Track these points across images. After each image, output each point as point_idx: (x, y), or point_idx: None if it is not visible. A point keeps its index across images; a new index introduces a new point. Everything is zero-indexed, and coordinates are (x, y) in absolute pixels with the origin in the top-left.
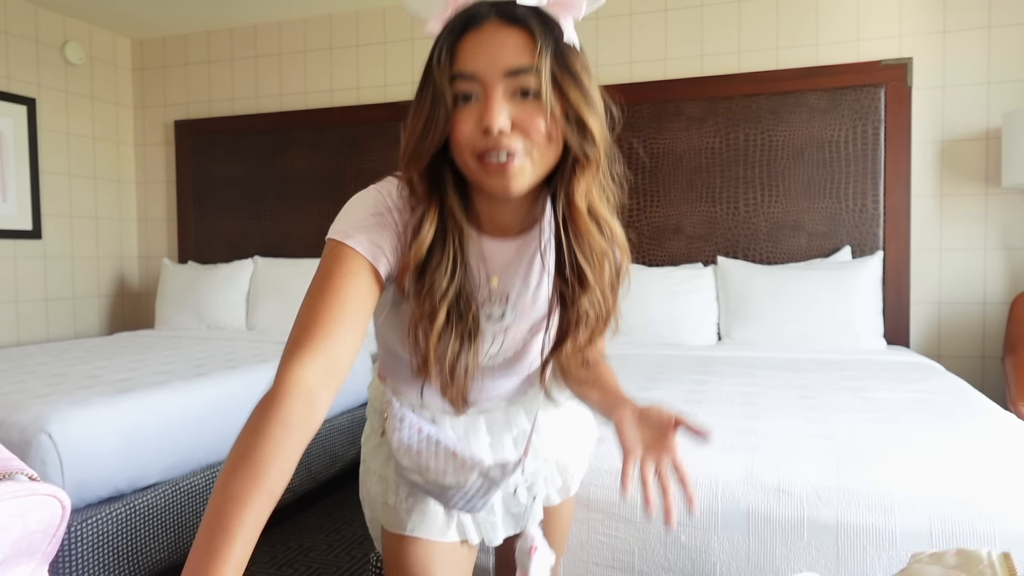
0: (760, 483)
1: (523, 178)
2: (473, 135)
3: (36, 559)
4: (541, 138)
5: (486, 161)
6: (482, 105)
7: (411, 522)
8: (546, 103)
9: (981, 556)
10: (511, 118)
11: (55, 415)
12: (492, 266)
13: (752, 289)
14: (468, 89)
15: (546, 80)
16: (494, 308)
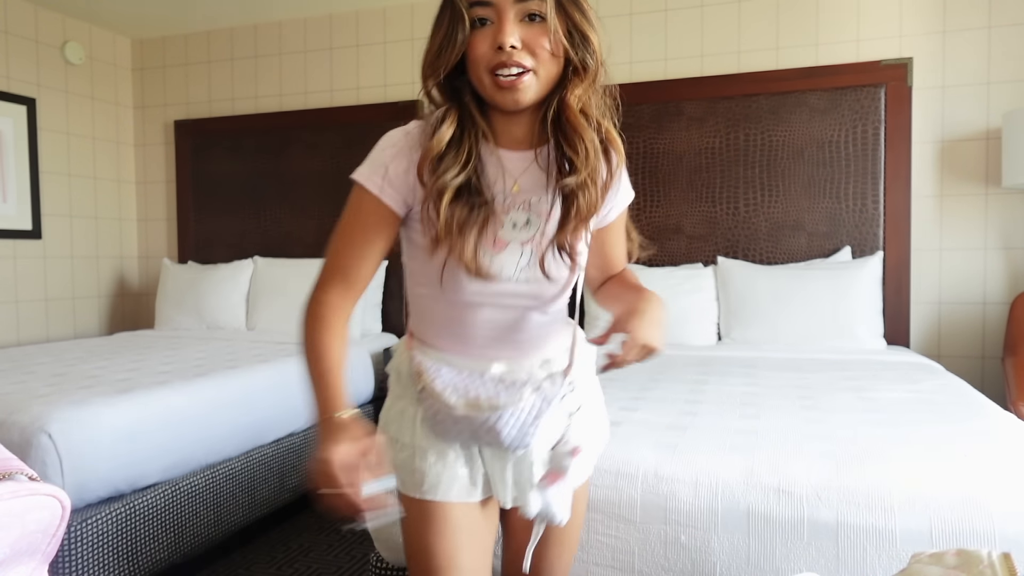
0: (760, 483)
1: (530, 91)
2: (488, 53)
3: (36, 559)
4: (546, 54)
5: (498, 77)
6: (496, 27)
7: (442, 486)
8: (551, 23)
9: (981, 556)
10: (520, 38)
11: (55, 415)
12: (512, 175)
13: (752, 289)
14: (484, 14)
15: (551, 4)
16: (518, 214)
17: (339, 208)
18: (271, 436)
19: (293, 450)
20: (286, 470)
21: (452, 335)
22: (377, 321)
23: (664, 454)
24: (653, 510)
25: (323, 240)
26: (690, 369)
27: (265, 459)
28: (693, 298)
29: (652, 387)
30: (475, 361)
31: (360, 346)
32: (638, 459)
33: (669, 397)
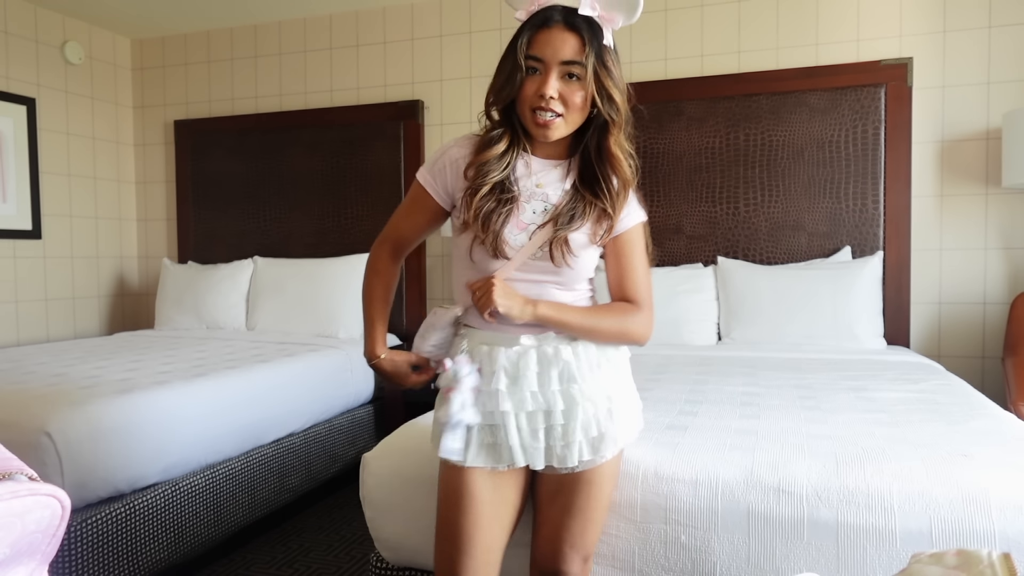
0: (760, 483)
1: (558, 132)
2: (532, 96)
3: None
4: (575, 108)
5: (536, 116)
6: (542, 78)
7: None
8: (588, 86)
9: (981, 556)
10: (559, 90)
11: (55, 415)
12: (538, 176)
13: (752, 289)
14: (535, 66)
15: (590, 71)
16: (536, 203)
17: (339, 208)
18: (271, 436)
19: (293, 450)
20: (286, 470)
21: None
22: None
23: (664, 454)
24: (653, 510)
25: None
26: (690, 369)
27: (265, 459)
28: (693, 298)
29: (652, 387)
30: (506, 335)
31: (360, 346)
32: (638, 459)
33: (669, 397)
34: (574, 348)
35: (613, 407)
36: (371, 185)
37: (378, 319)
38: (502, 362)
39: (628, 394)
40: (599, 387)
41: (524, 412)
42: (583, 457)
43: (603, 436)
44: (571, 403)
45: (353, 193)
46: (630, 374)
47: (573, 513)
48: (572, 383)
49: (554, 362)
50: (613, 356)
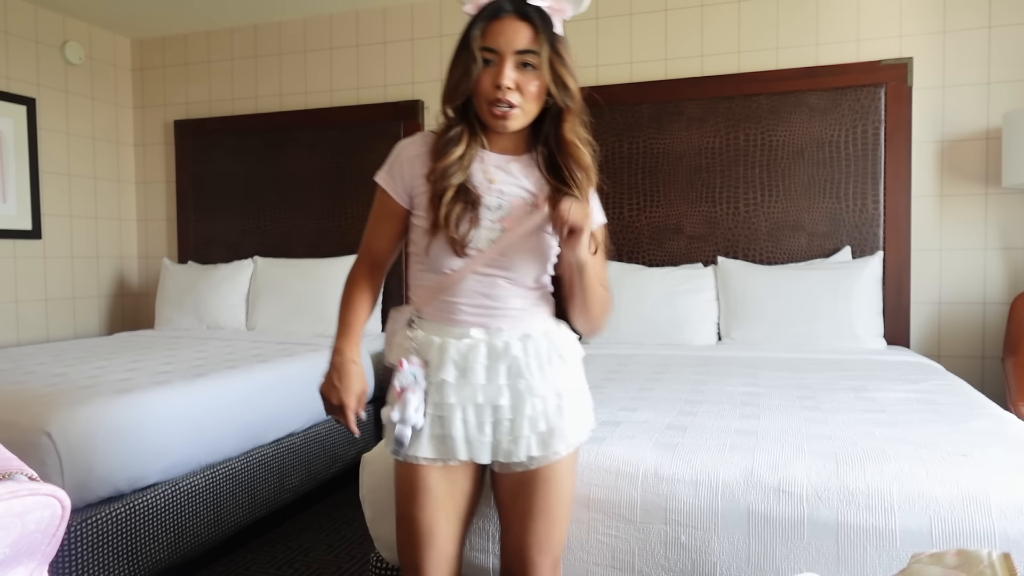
0: (760, 483)
1: (515, 121)
2: (489, 88)
3: (36, 559)
4: (532, 96)
5: (493, 108)
6: (497, 69)
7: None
8: (544, 74)
9: (981, 556)
10: (514, 80)
11: (55, 415)
12: (493, 172)
13: (752, 289)
14: (490, 57)
15: (544, 59)
16: (492, 198)
17: (339, 208)
18: (271, 436)
19: (293, 450)
20: (286, 470)
21: (440, 304)
22: (377, 321)
23: (664, 454)
24: (653, 510)
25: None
26: (690, 369)
27: (265, 459)
28: (693, 298)
29: (652, 387)
30: (457, 328)
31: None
32: (638, 459)
33: (669, 397)
34: (524, 344)
35: (563, 403)
36: (371, 185)
37: (357, 323)
38: (451, 354)
39: (579, 392)
40: (548, 383)
41: (472, 405)
42: (531, 452)
43: (552, 432)
44: (518, 398)
45: (353, 193)
46: (583, 372)
47: (535, 514)
48: (520, 378)
49: (503, 356)
50: (566, 353)
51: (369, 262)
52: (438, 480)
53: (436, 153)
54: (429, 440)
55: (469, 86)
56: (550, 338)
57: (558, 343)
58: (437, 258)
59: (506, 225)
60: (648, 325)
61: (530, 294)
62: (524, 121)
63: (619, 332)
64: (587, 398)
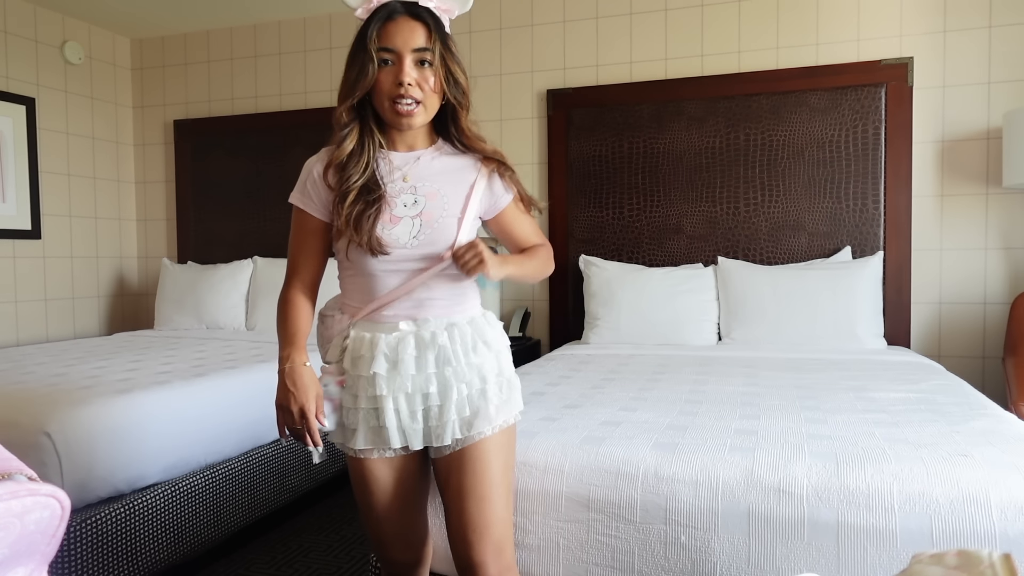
0: (760, 483)
1: (419, 118)
2: (390, 87)
3: (35, 559)
4: (430, 90)
5: (397, 106)
6: (397, 68)
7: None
8: (437, 68)
9: (982, 557)
10: (414, 78)
11: (55, 415)
12: (404, 170)
13: (752, 289)
14: (388, 57)
15: (437, 55)
16: (407, 197)
17: None
18: (271, 436)
19: (293, 450)
20: (286, 470)
21: (368, 302)
22: None
23: (664, 454)
24: (653, 510)
25: None
26: (690, 369)
27: (265, 459)
28: (693, 298)
29: (652, 387)
30: (386, 323)
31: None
32: (638, 459)
33: (669, 397)
34: (450, 332)
35: (487, 388)
36: None
37: (300, 332)
38: (382, 348)
39: (506, 375)
40: (473, 369)
41: (403, 394)
42: (456, 435)
43: (476, 414)
44: (445, 384)
45: None
46: (510, 358)
47: (465, 495)
48: (447, 365)
49: (431, 346)
50: (492, 340)
51: (298, 284)
52: (381, 468)
53: (330, 153)
54: (365, 432)
55: (366, 84)
56: (475, 326)
57: (483, 331)
58: (358, 260)
59: (424, 219)
60: (648, 325)
61: (455, 284)
62: (426, 117)
63: (619, 332)
64: (514, 383)
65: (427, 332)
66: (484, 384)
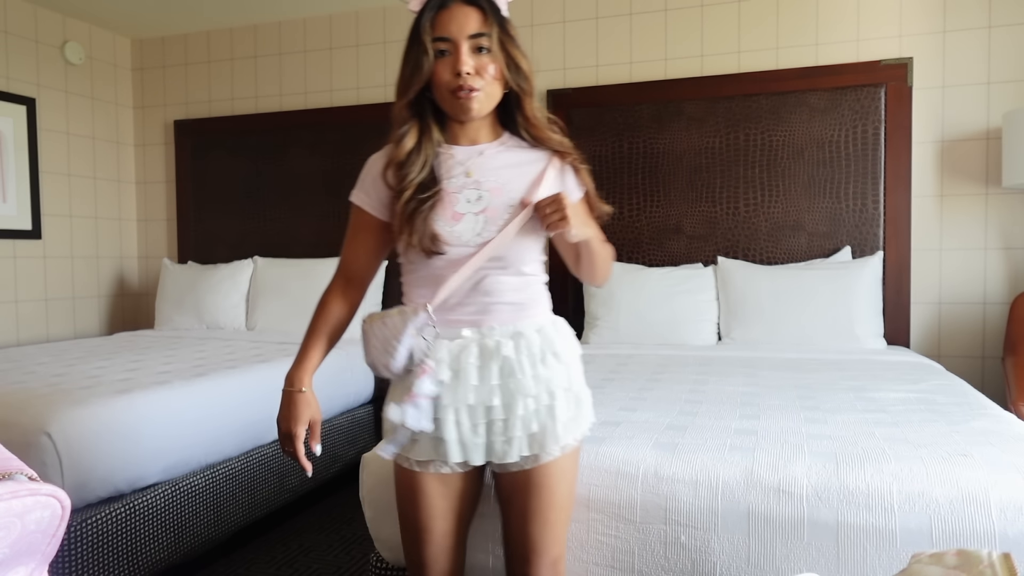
0: (760, 483)
1: (480, 106)
2: (449, 77)
3: (36, 559)
4: (490, 78)
5: (457, 95)
6: (454, 58)
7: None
8: (496, 54)
9: (981, 556)
10: (473, 65)
11: (55, 415)
12: (466, 164)
13: (752, 289)
14: (444, 47)
15: (495, 40)
16: (470, 192)
17: (339, 208)
18: (271, 436)
19: None
20: (286, 470)
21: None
22: None
23: (664, 454)
24: (653, 510)
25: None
26: (690, 369)
27: (265, 459)
28: (693, 298)
29: (652, 387)
30: (448, 327)
31: (359, 346)
32: (638, 459)
33: (669, 397)
34: (516, 342)
35: (555, 404)
36: None
37: (314, 349)
38: (443, 356)
39: (574, 390)
40: (540, 382)
41: (464, 406)
42: (522, 452)
43: (544, 432)
44: (510, 397)
45: None
46: (580, 369)
47: (529, 517)
48: (511, 377)
49: (495, 356)
50: (561, 350)
51: (344, 279)
52: (433, 482)
53: (389, 151)
54: (427, 441)
55: (422, 77)
56: (544, 335)
57: (552, 340)
58: (418, 260)
59: (488, 216)
60: (648, 325)
61: (524, 285)
62: (488, 105)
63: (619, 332)
64: (585, 396)
65: (491, 341)
66: (552, 400)
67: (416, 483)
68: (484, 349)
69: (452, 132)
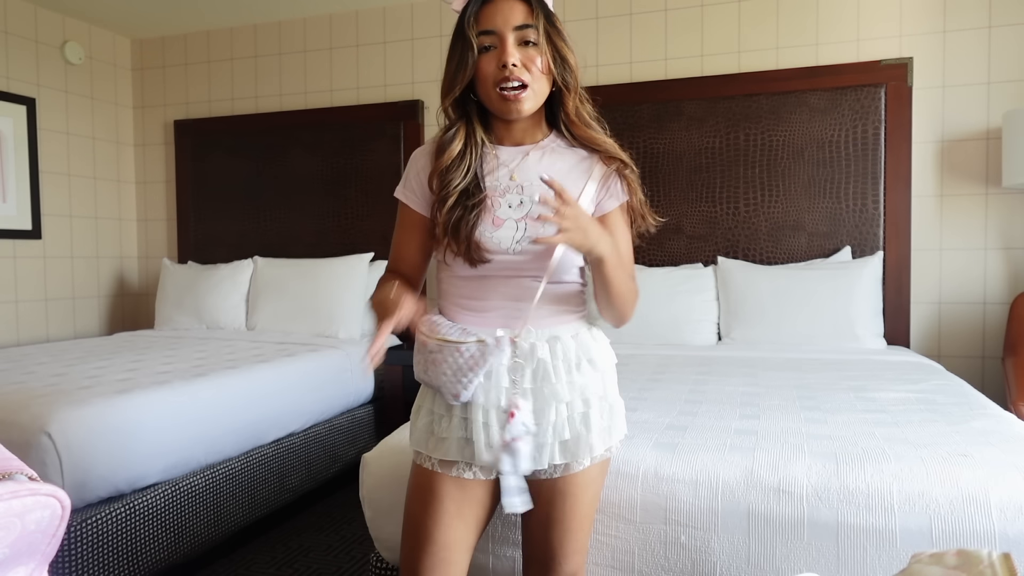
0: (760, 483)
1: (528, 103)
2: (494, 71)
3: (36, 559)
4: (538, 72)
5: (503, 91)
6: (499, 51)
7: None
8: (541, 47)
9: (981, 556)
10: (519, 58)
11: (55, 415)
12: (511, 167)
13: (752, 289)
14: (489, 41)
15: (541, 32)
16: (512, 197)
17: (339, 208)
18: (271, 436)
19: (293, 450)
20: (286, 470)
21: (467, 309)
22: None
23: (664, 454)
24: (653, 510)
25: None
26: (690, 369)
27: (265, 459)
28: (693, 298)
29: (652, 387)
30: (483, 329)
31: (360, 346)
32: (638, 459)
33: (669, 397)
34: (552, 346)
35: (590, 412)
36: (371, 185)
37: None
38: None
39: (609, 400)
40: (575, 389)
41: (495, 409)
42: (554, 461)
43: (577, 441)
44: (542, 403)
45: (353, 193)
46: (615, 378)
47: (551, 526)
48: (545, 382)
49: (528, 359)
50: (596, 358)
51: (394, 276)
52: (450, 486)
53: (435, 154)
54: (455, 441)
55: (467, 74)
56: (580, 341)
57: (588, 347)
58: (456, 265)
59: (529, 222)
60: (648, 325)
61: (560, 293)
62: (536, 102)
63: (619, 332)
64: (618, 406)
65: (526, 343)
66: (587, 408)
67: (432, 484)
68: (518, 351)
69: (497, 132)
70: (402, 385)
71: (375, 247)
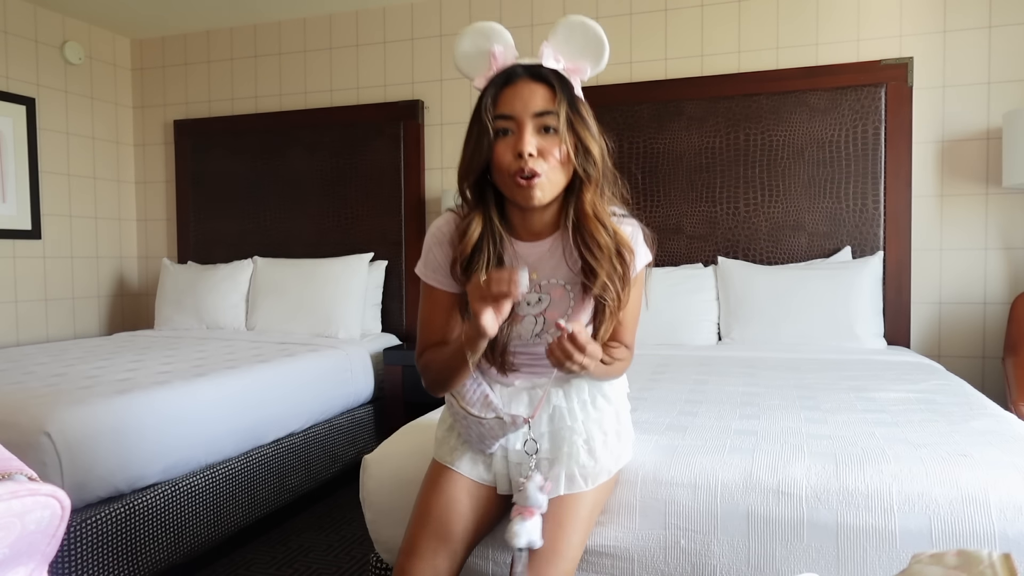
0: (760, 484)
1: (544, 191)
2: (510, 159)
3: (35, 559)
4: (556, 162)
5: (518, 179)
6: (516, 137)
7: (455, 457)
8: (562, 136)
9: (982, 557)
10: (537, 147)
11: (55, 415)
12: (527, 263)
13: (752, 289)
14: (506, 126)
15: (563, 120)
16: (531, 296)
17: (339, 208)
18: (271, 436)
19: (293, 450)
20: (286, 470)
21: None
22: (377, 321)
23: (663, 455)
24: (652, 514)
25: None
26: (690, 369)
27: (265, 459)
28: (693, 298)
29: (652, 387)
30: (502, 377)
31: (360, 346)
32: (637, 461)
33: (669, 397)
34: (566, 391)
35: (607, 440)
36: (371, 185)
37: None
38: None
39: (618, 431)
40: (593, 423)
41: (513, 450)
42: (559, 492)
43: (583, 470)
44: (558, 442)
45: (353, 193)
46: (627, 407)
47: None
48: (562, 423)
49: (544, 406)
50: (610, 393)
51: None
52: (464, 481)
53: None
54: (472, 458)
55: (482, 160)
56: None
57: (602, 384)
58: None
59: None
60: (648, 325)
61: None
62: (552, 192)
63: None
64: (625, 436)
65: (541, 391)
66: (605, 436)
67: (447, 474)
68: (534, 398)
69: (514, 223)
70: (402, 385)
71: (375, 247)
